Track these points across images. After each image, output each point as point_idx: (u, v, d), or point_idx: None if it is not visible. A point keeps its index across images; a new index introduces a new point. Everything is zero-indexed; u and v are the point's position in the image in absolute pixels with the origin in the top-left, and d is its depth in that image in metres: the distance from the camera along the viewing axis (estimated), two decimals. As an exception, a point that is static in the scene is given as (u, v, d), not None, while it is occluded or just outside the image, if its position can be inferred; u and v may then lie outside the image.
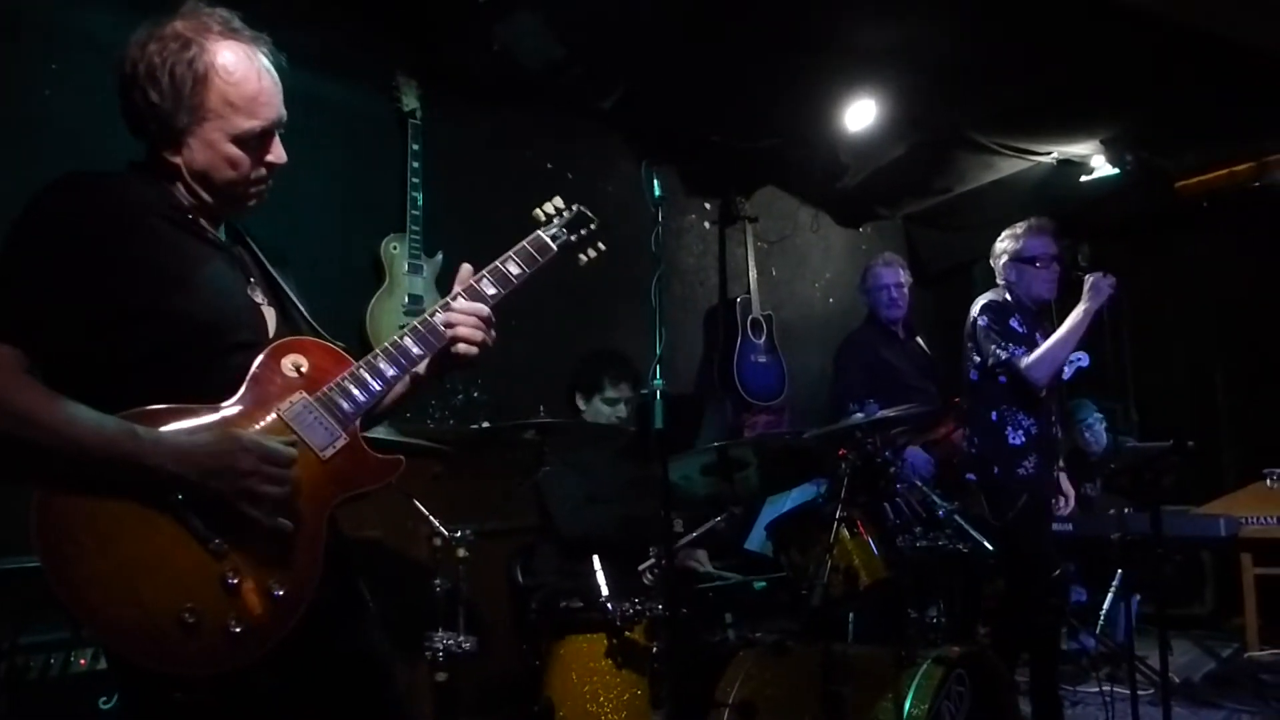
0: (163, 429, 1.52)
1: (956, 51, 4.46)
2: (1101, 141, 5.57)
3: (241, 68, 1.66)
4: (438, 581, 3.22)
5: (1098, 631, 5.03)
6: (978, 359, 3.95)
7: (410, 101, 4.08)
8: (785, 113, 5.11)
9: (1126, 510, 4.69)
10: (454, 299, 1.85)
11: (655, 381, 2.45)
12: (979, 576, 4.32)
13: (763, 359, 5.54)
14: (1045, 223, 4.04)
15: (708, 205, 5.79)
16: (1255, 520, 5.39)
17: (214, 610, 1.51)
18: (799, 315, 6.18)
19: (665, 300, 2.52)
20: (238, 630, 1.52)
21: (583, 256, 2.07)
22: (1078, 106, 5.15)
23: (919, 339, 4.96)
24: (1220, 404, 6.99)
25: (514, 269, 1.91)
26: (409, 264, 3.96)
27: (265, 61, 1.71)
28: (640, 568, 3.23)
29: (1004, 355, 3.83)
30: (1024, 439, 3.85)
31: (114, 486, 1.49)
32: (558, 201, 2.05)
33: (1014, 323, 3.89)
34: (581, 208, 2.05)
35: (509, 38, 4.07)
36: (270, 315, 1.78)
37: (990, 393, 3.92)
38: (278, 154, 1.75)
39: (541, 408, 3.40)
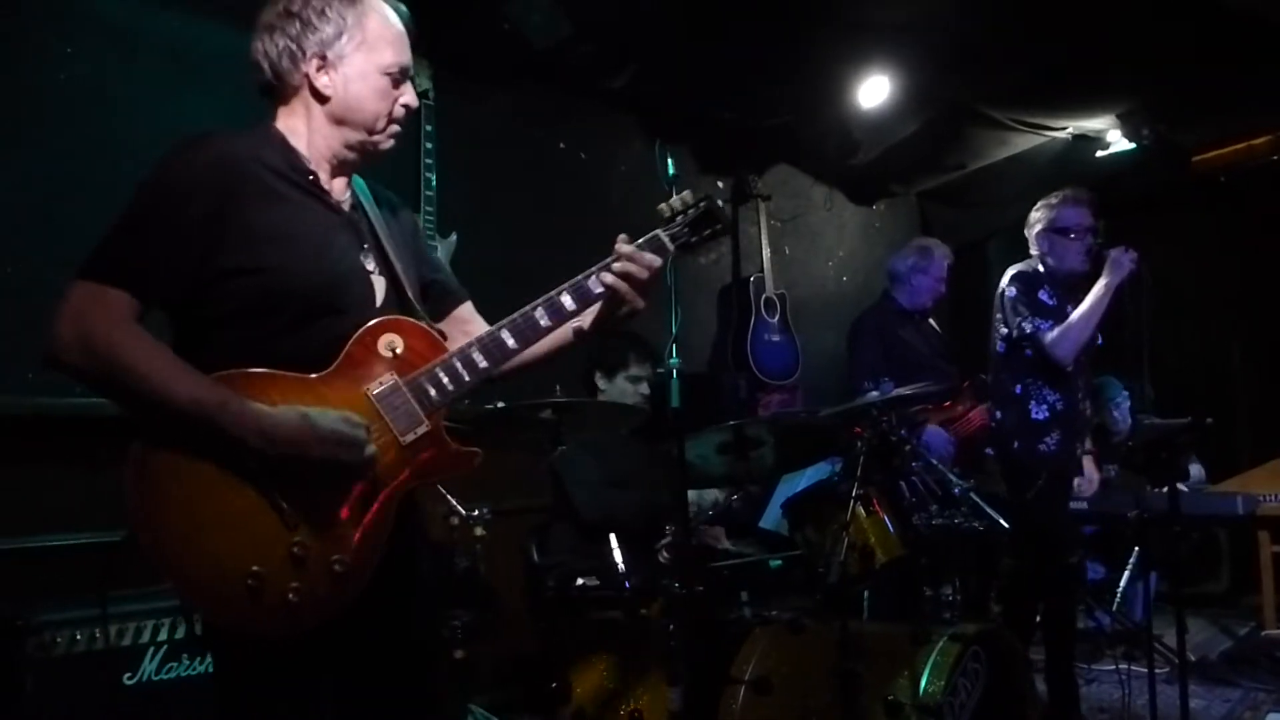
0: (253, 399, 1.56)
1: (970, 25, 4.43)
2: (1118, 116, 5.53)
3: (387, 9, 1.82)
4: (456, 560, 3.24)
5: (1114, 609, 5.02)
6: (1004, 330, 3.88)
7: (422, 82, 4.06)
8: (798, 89, 5.09)
9: (1151, 489, 4.64)
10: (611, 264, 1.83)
11: (671, 360, 2.44)
12: (994, 554, 4.32)
13: (776, 338, 5.53)
14: (1082, 193, 3.93)
15: (720, 184, 5.76)
16: (1272, 498, 5.37)
17: (278, 577, 1.56)
18: (813, 294, 6.17)
19: (679, 279, 2.51)
20: (294, 600, 1.57)
21: (703, 259, 2.00)
22: (1093, 81, 5.11)
23: (931, 319, 4.94)
24: (1237, 380, 6.95)
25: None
26: (423, 244, 3.96)
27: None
28: (656, 546, 3.24)
29: (1029, 329, 3.76)
30: (1048, 414, 3.79)
31: (206, 446, 1.55)
32: (686, 196, 1.92)
33: (1043, 295, 3.80)
34: (711, 203, 1.92)
35: (518, 16, 4.06)
36: (380, 284, 1.80)
37: (1015, 365, 3.86)
38: (411, 98, 1.83)
39: (558, 387, 3.40)
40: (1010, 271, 3.94)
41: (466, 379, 1.75)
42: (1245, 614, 5.76)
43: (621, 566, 3.06)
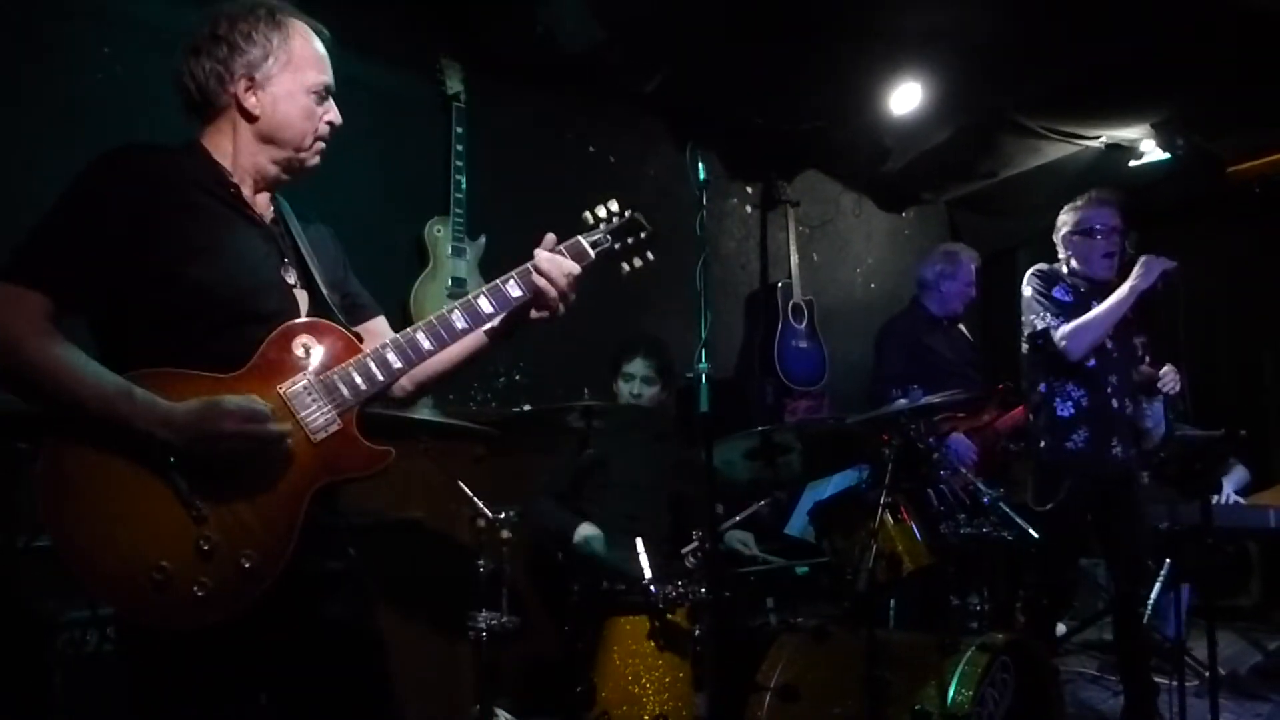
0: (160, 394, 1.59)
1: (1003, 32, 4.39)
2: (1152, 125, 5.45)
3: (310, 32, 1.88)
4: (481, 562, 3.25)
5: (1144, 622, 4.94)
6: (1026, 330, 3.86)
7: (454, 85, 4.09)
8: (829, 95, 5.06)
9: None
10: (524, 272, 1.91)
11: (700, 366, 2.44)
12: (1022, 564, 4.27)
13: (803, 344, 5.51)
14: (1108, 194, 3.88)
15: (749, 189, 5.75)
16: (1305, 511, 5.27)
17: (184, 571, 1.59)
18: (840, 300, 6.14)
19: (708, 285, 2.51)
20: (200, 594, 1.59)
21: (626, 266, 2.04)
22: (1127, 89, 5.05)
23: (961, 325, 4.90)
24: (1270, 392, 6.85)
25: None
26: (452, 247, 3.98)
27: None
28: (683, 551, 3.24)
29: (1040, 325, 3.74)
30: (1073, 411, 3.74)
31: (116, 441, 1.58)
32: (613, 205, 2.01)
33: (1058, 292, 3.78)
34: (636, 215, 2.02)
35: (551, 20, 4.07)
36: (303, 297, 1.85)
37: (1039, 364, 3.84)
38: (335, 114, 1.89)
39: (586, 391, 3.41)
40: (1030, 271, 3.91)
41: (380, 378, 1.78)
42: (1276, 628, 5.69)
43: (648, 572, 3.06)
